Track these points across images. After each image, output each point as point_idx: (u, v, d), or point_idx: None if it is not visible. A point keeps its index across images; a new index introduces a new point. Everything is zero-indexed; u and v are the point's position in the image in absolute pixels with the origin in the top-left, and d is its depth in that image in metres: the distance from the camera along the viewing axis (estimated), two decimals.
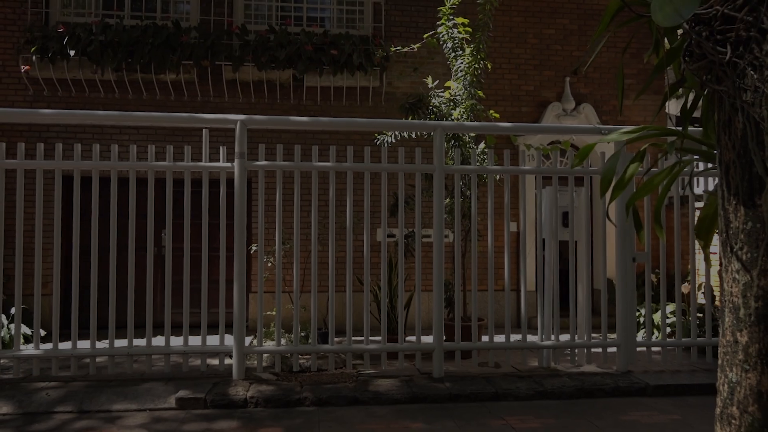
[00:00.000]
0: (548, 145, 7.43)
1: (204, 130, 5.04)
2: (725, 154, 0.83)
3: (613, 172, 1.09)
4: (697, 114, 1.29)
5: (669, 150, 0.97)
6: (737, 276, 0.79)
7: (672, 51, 1.16)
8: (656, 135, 0.98)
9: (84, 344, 5.17)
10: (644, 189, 1.07)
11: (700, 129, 1.22)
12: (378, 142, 6.12)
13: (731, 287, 0.81)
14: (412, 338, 6.00)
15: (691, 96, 1.18)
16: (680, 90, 1.16)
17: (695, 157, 1.10)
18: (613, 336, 5.34)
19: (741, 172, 0.79)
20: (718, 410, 0.81)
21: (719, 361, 0.83)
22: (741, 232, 0.77)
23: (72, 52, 7.16)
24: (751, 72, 0.77)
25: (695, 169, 5.27)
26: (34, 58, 7.22)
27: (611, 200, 1.09)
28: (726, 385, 0.80)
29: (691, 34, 0.82)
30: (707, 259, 1.30)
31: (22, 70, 7.30)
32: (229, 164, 4.99)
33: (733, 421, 0.77)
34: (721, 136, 0.85)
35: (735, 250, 0.79)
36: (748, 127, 0.77)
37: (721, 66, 0.80)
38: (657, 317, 6.26)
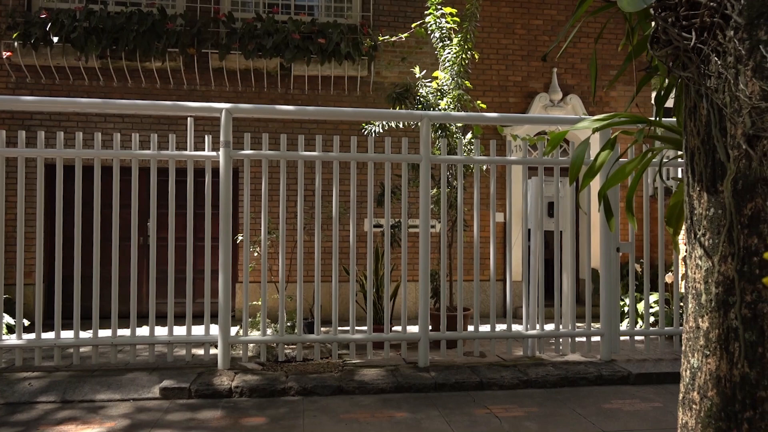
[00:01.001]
0: (535, 135, 7.44)
1: (189, 118, 4.99)
2: (690, 141, 0.83)
3: (582, 160, 1.10)
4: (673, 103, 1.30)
5: (638, 138, 0.97)
6: (700, 262, 0.79)
7: (644, 39, 1.16)
8: (625, 123, 0.98)
9: (68, 334, 5.13)
10: (616, 177, 1.07)
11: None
12: (366, 132, 6.10)
13: (694, 273, 0.81)
14: (399, 328, 6.01)
15: (666, 84, 1.19)
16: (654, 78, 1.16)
17: (660, 144, 1.11)
18: (597, 325, 5.38)
19: (705, 159, 0.79)
20: (680, 396, 0.82)
21: (683, 348, 0.84)
22: (704, 219, 0.78)
23: (55, 39, 7.05)
24: (715, 58, 0.77)
25: (667, 158, 5.31)
26: (16, 44, 7.11)
27: (581, 188, 1.09)
28: (688, 371, 0.81)
29: (658, 20, 0.82)
30: (676, 247, 1.31)
31: (4, 57, 7.18)
32: (214, 153, 4.95)
33: (694, 406, 0.77)
34: (687, 122, 0.85)
35: (698, 236, 0.79)
36: (711, 113, 0.77)
37: (685, 52, 0.80)
38: (641, 306, 6.32)
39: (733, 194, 0.55)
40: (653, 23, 0.86)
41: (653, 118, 1.12)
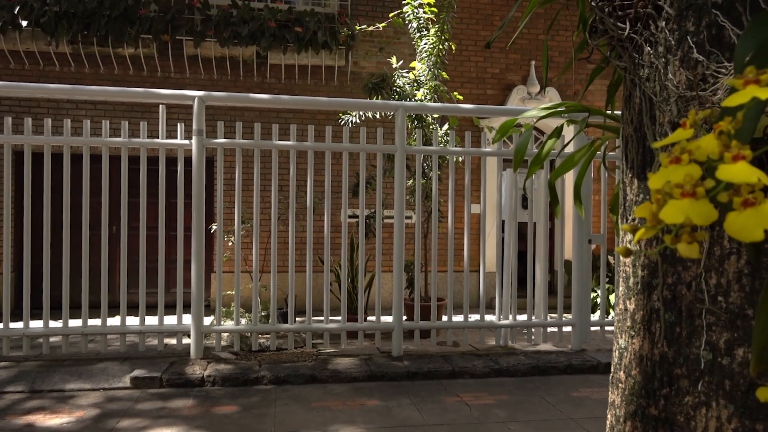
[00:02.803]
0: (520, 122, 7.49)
1: (161, 106, 4.93)
2: (625, 129, 0.85)
3: (525, 148, 1.12)
4: None
5: (580, 127, 0.99)
6: (629, 245, 0.82)
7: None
8: (569, 111, 1.00)
9: (37, 324, 5.06)
10: (565, 166, 1.09)
11: None
12: (342, 122, 6.08)
13: (625, 258, 0.84)
14: (373, 318, 6.04)
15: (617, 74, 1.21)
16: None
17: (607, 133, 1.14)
18: (569, 316, 5.47)
19: (637, 146, 0.81)
20: (611, 375, 0.84)
21: (615, 330, 0.86)
22: (634, 204, 0.80)
23: (24, 23, 6.90)
24: (648, 48, 0.79)
25: (612, 147, 5.39)
26: None
27: (528, 175, 1.11)
28: (617, 352, 0.83)
29: (595, 9, 0.84)
30: (618, 234, 1.34)
31: None
32: (186, 142, 4.89)
33: (620, 384, 0.80)
34: (624, 111, 0.87)
35: (629, 221, 0.81)
36: (643, 102, 0.79)
37: (620, 42, 0.82)
38: (613, 298, 6.43)
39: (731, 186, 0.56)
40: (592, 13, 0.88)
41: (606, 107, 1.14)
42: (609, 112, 1.11)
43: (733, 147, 0.45)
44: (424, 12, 6.15)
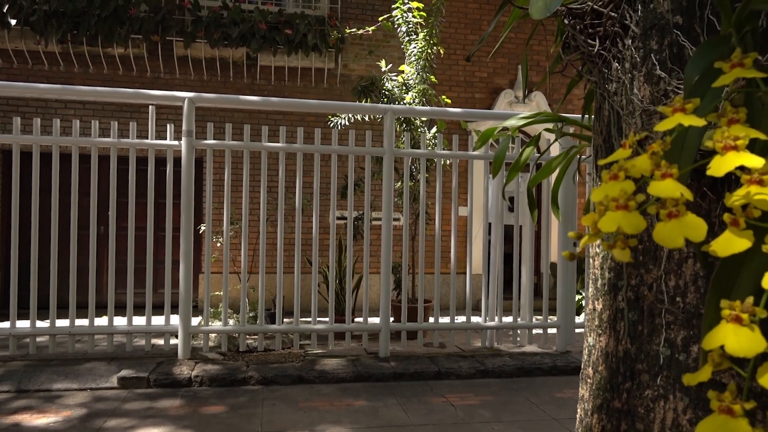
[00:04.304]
0: (497, 132, 7.56)
1: (151, 106, 4.94)
2: (596, 139, 0.91)
3: (504, 154, 1.17)
4: None
5: (557, 136, 1.05)
6: (598, 250, 0.87)
7: None
8: (547, 121, 1.06)
9: (24, 324, 5.05)
10: (543, 172, 1.14)
11: None
12: (332, 125, 6.13)
13: (594, 260, 0.89)
14: (361, 319, 6.08)
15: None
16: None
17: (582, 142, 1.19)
18: (554, 318, 5.54)
19: (605, 156, 0.86)
20: (581, 372, 0.89)
21: (585, 329, 0.92)
22: None
23: (13, 21, 6.87)
24: (616, 64, 0.84)
25: (586, 155, 5.49)
26: None
27: (507, 181, 1.16)
28: (586, 349, 0.88)
29: (567, 27, 0.89)
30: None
31: None
32: (176, 142, 4.91)
33: (588, 380, 0.85)
34: (594, 122, 0.92)
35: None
36: (611, 114, 0.85)
37: (590, 58, 0.87)
38: None
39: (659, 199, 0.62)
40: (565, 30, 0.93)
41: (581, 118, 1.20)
42: (585, 122, 1.16)
43: (662, 166, 0.51)
44: (414, 16, 6.21)
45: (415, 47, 6.15)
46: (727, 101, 0.54)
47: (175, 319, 5.01)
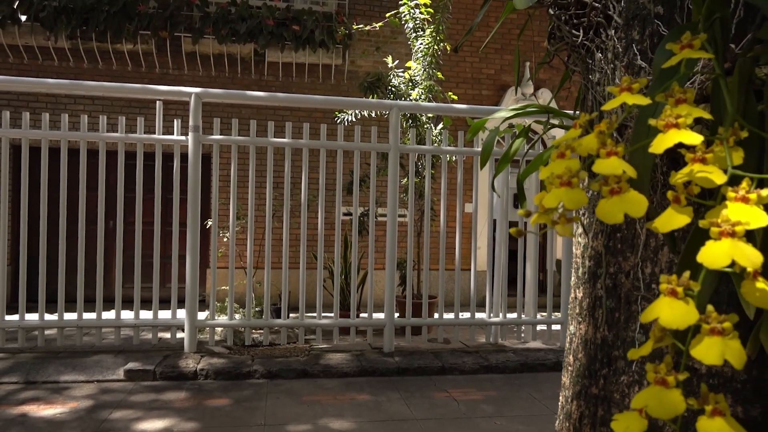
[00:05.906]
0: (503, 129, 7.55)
1: (158, 102, 4.98)
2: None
3: (492, 146, 1.18)
4: None
5: (545, 128, 1.05)
6: (579, 239, 0.88)
7: None
8: (535, 113, 1.06)
9: (33, 317, 5.12)
10: (534, 164, 1.15)
11: None
12: (339, 121, 6.14)
13: (576, 249, 0.90)
14: (366, 314, 6.10)
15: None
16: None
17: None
18: (558, 314, 5.53)
19: None
20: (563, 360, 0.90)
21: (568, 318, 0.92)
22: None
23: (23, 18, 6.94)
24: (599, 54, 0.85)
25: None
26: None
27: (496, 174, 1.17)
28: (568, 337, 0.89)
29: (553, 18, 0.90)
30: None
31: None
32: (183, 138, 4.95)
33: (569, 367, 0.86)
34: (579, 112, 0.93)
35: (579, 215, 0.87)
36: (594, 104, 0.85)
37: (575, 48, 0.88)
38: None
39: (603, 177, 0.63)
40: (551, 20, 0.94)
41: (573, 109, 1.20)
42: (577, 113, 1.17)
43: (608, 144, 0.52)
44: (420, 12, 6.21)
45: (422, 43, 6.15)
46: (675, 81, 0.55)
47: (181, 313, 5.05)
